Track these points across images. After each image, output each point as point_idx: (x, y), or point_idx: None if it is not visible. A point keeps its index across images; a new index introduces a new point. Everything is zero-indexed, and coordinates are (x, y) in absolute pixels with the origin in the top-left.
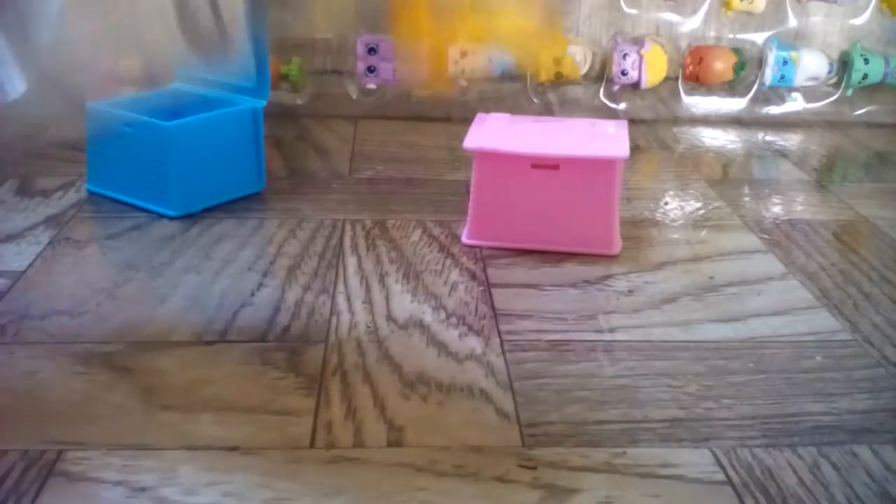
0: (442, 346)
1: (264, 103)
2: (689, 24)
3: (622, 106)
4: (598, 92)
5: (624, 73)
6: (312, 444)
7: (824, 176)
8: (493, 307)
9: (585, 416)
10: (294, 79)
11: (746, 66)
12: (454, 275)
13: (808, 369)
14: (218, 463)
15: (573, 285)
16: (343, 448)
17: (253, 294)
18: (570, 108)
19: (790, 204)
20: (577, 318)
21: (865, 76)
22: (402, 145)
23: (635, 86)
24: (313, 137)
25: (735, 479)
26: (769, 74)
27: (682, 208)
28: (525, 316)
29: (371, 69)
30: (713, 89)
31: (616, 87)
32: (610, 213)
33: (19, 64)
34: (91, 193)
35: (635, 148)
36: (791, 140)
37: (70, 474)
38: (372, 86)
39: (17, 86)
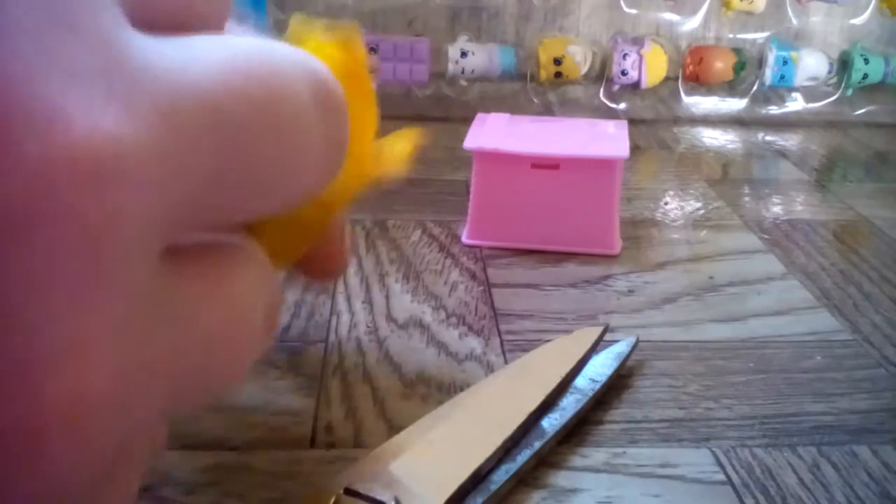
0: (442, 346)
1: None
2: (689, 24)
3: (622, 106)
4: (598, 92)
5: (624, 73)
6: (312, 444)
7: (824, 176)
8: (493, 307)
9: (586, 416)
10: None
11: (746, 66)
12: (454, 275)
13: (808, 369)
14: (218, 463)
15: (573, 285)
16: (343, 448)
17: None
18: (570, 108)
19: (790, 204)
20: (577, 317)
21: (865, 76)
22: None
23: (635, 86)
24: None
25: (735, 478)
26: (769, 74)
27: (682, 208)
28: (525, 316)
29: (371, 69)
30: (713, 89)
31: (616, 87)
32: (610, 213)
33: None
34: None
35: (635, 148)
36: (791, 140)
37: None
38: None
39: None
